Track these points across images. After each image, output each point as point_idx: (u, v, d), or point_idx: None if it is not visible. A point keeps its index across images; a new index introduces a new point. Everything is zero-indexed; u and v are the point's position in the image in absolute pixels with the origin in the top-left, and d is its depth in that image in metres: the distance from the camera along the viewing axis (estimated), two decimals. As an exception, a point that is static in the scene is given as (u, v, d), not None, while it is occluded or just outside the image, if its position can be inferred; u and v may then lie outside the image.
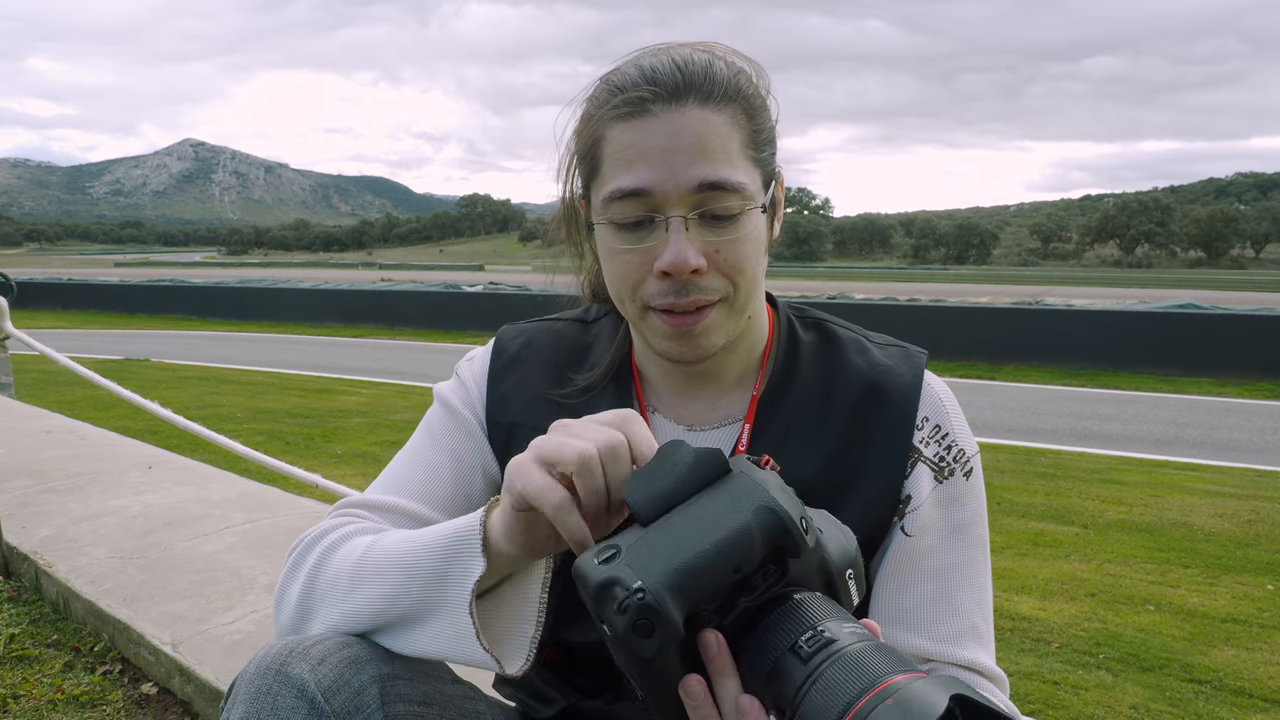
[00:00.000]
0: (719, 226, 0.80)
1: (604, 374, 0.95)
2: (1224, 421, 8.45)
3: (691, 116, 0.79)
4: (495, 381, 0.97)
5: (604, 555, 0.59)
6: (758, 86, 0.85)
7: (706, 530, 0.59)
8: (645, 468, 0.64)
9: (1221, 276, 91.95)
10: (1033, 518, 4.58)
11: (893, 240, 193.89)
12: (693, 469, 0.62)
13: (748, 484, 0.61)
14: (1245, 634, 3.07)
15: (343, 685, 0.70)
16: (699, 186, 0.78)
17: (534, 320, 1.04)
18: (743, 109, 0.82)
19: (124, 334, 16.49)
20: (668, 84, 0.79)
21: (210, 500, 3.21)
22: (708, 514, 0.60)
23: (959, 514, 0.89)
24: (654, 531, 0.60)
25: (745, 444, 0.89)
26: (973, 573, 0.89)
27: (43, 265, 75.03)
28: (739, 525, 0.58)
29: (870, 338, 0.97)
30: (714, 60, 0.82)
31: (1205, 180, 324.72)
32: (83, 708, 2.02)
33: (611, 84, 0.82)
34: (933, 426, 0.90)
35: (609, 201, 0.81)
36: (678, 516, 0.60)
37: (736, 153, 0.81)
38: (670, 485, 0.62)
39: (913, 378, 0.92)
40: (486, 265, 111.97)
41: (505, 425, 0.95)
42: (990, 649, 0.89)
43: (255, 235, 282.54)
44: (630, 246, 0.82)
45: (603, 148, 0.83)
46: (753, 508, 0.59)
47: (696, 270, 0.80)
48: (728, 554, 0.58)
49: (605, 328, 0.99)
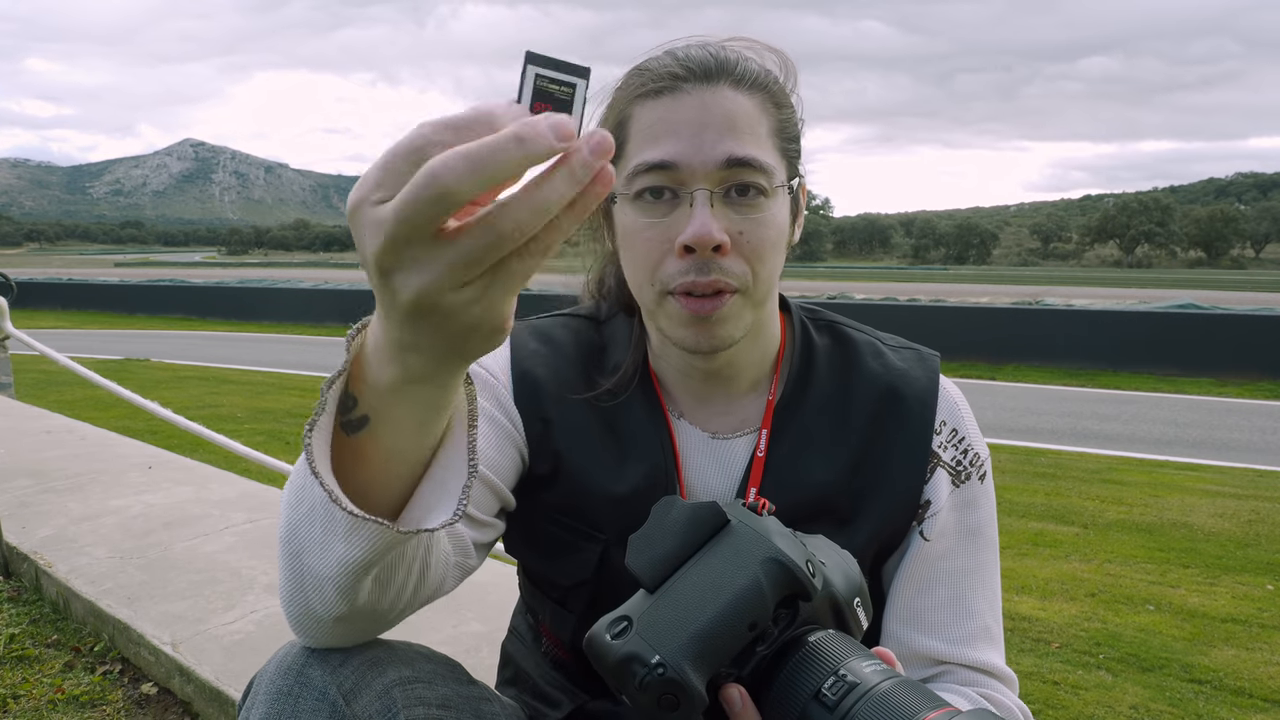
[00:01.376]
0: (745, 206, 0.79)
1: (628, 378, 0.93)
2: (1224, 421, 8.45)
3: (723, 95, 0.79)
4: (520, 371, 0.92)
5: (616, 629, 0.58)
6: (788, 81, 0.86)
7: (716, 592, 0.58)
8: (643, 530, 0.63)
9: (1221, 276, 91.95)
10: (1033, 518, 4.58)
11: (893, 240, 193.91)
12: (691, 527, 0.61)
13: (749, 536, 0.60)
14: (1245, 634, 3.07)
15: (363, 688, 0.70)
16: (727, 161, 0.77)
17: (542, 316, 1.00)
18: (772, 99, 0.82)
19: (124, 334, 16.49)
20: (700, 65, 0.79)
21: (210, 500, 3.21)
22: (714, 574, 0.59)
23: (973, 517, 0.90)
24: (663, 598, 0.59)
25: (764, 451, 0.89)
26: (985, 575, 0.90)
27: (43, 265, 75.05)
28: (748, 582, 0.58)
29: (884, 340, 0.96)
30: (746, 50, 0.83)
31: (1205, 180, 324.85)
32: (83, 708, 2.02)
33: (641, 68, 0.83)
34: (950, 430, 0.90)
35: (633, 176, 0.80)
36: (684, 580, 0.59)
37: (765, 137, 0.80)
38: (671, 547, 0.61)
39: (929, 382, 0.91)
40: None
41: (540, 419, 0.90)
42: (1001, 649, 0.89)
43: (255, 235, 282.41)
44: (653, 221, 0.80)
45: (629, 126, 0.82)
46: (759, 561, 0.58)
47: (719, 248, 0.78)
48: (741, 613, 0.57)
49: (618, 328, 0.97)
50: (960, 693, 0.85)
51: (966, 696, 0.84)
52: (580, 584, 0.90)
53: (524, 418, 0.91)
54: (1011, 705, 0.85)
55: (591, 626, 0.60)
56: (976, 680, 0.86)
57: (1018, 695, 0.88)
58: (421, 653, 0.79)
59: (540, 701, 0.98)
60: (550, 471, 0.90)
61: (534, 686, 1.00)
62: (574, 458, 0.89)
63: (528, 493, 0.92)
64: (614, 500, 0.88)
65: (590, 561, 0.89)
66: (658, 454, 0.89)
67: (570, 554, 0.90)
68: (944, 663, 0.86)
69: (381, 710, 0.69)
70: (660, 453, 0.89)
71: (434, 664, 0.78)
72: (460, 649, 2.02)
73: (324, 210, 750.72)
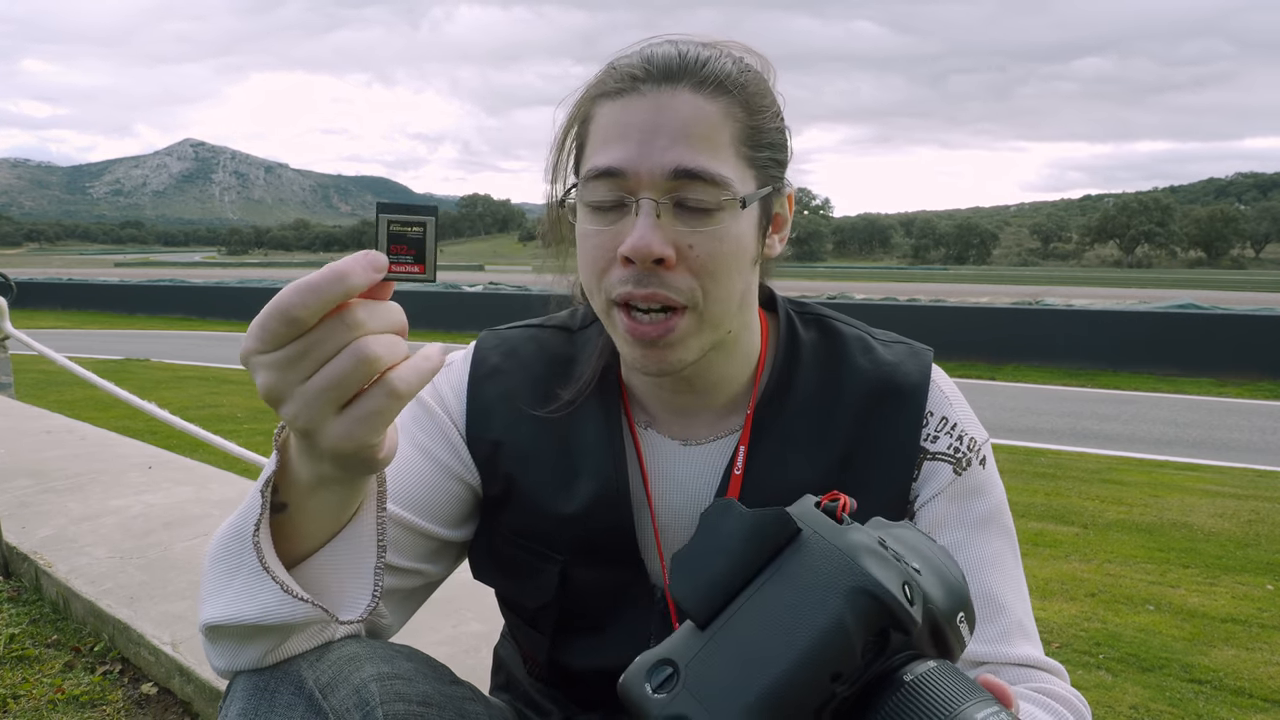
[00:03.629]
0: (693, 219, 0.75)
1: (586, 386, 0.89)
2: (1224, 421, 8.44)
3: (681, 99, 0.74)
4: (475, 392, 0.91)
5: (659, 677, 0.46)
6: (764, 85, 0.80)
7: (787, 633, 0.45)
8: (690, 546, 0.50)
9: (1221, 276, 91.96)
10: (1033, 518, 4.58)
11: (893, 240, 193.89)
12: (751, 542, 0.48)
13: (829, 554, 0.47)
14: (1245, 634, 3.07)
15: (340, 682, 0.69)
16: (674, 172, 0.73)
17: (516, 326, 0.97)
18: (741, 103, 0.77)
19: (124, 334, 16.48)
20: (662, 65, 0.76)
21: (210, 500, 3.21)
22: (785, 607, 0.46)
23: (982, 505, 0.85)
24: (717, 641, 0.46)
25: (743, 459, 0.85)
26: (1006, 565, 0.84)
27: (43, 265, 75.05)
28: (830, 622, 0.44)
29: (874, 335, 0.92)
30: (719, 51, 0.78)
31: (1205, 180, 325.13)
32: (83, 708, 2.02)
33: (611, 65, 0.79)
34: (940, 419, 0.86)
35: (585, 181, 0.77)
36: (744, 615, 0.47)
37: (725, 145, 0.75)
38: (726, 569, 0.48)
39: (920, 376, 0.87)
40: (486, 265, 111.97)
41: (489, 442, 0.89)
42: (1037, 642, 0.83)
43: (255, 235, 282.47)
44: (600, 229, 0.77)
45: (589, 126, 0.79)
46: (844, 591, 0.45)
47: (662, 261, 0.74)
48: (820, 662, 0.44)
49: (591, 336, 0.93)
50: (1022, 695, 0.77)
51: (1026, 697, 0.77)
52: (544, 606, 0.89)
53: (471, 443, 0.90)
54: (1070, 696, 0.79)
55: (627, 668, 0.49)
56: (1025, 677, 0.80)
57: (1070, 684, 0.81)
58: (402, 652, 0.78)
59: (531, 709, 0.98)
60: (503, 493, 0.89)
61: (525, 694, 0.99)
62: (525, 478, 0.87)
63: (487, 515, 0.91)
64: (564, 519, 0.86)
65: (550, 583, 0.87)
66: (609, 467, 0.85)
67: (531, 575, 0.89)
68: (983, 664, 0.80)
69: (358, 704, 0.69)
70: (612, 466, 0.85)
71: (415, 663, 0.77)
72: (459, 649, 2.02)
73: (324, 210, 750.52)
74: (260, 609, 0.65)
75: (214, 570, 0.68)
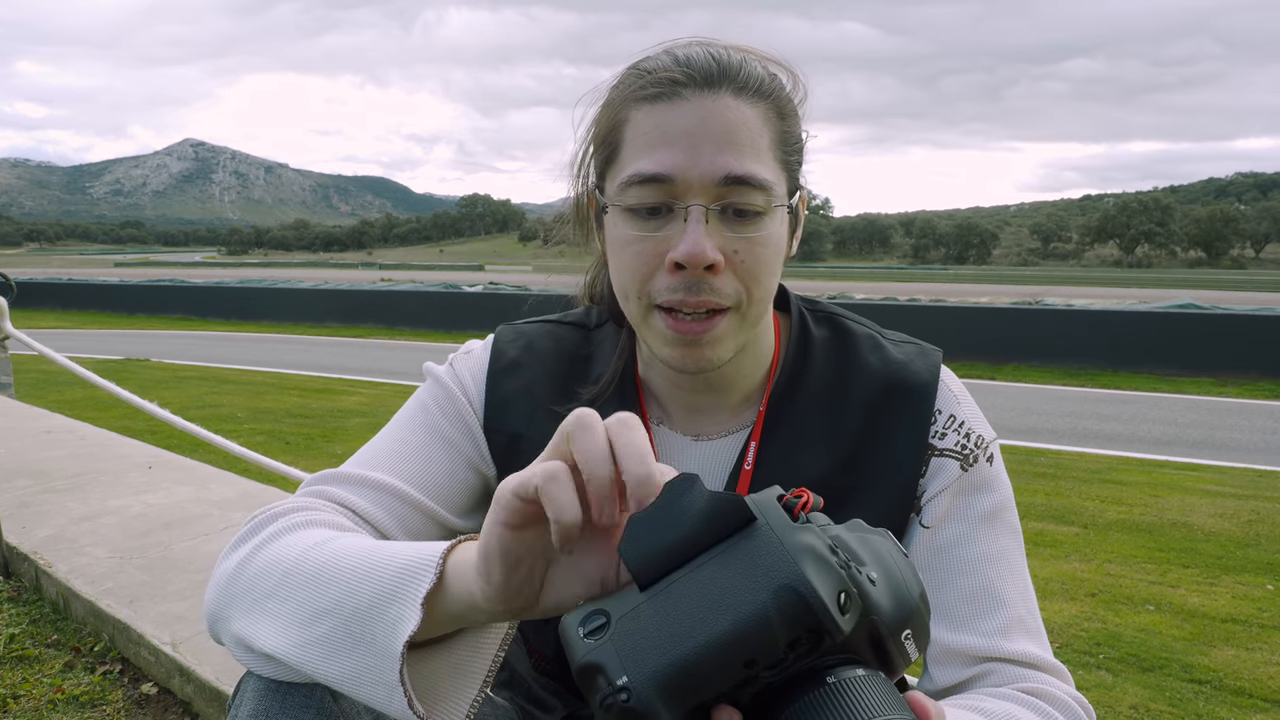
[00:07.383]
0: (740, 224, 0.76)
1: (608, 385, 0.90)
2: (1224, 421, 8.45)
3: (724, 104, 0.75)
4: (495, 384, 0.92)
5: (592, 624, 0.50)
6: (792, 91, 0.82)
7: (713, 612, 0.47)
8: (648, 511, 0.51)
9: (1221, 276, 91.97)
10: (1033, 518, 4.58)
11: (893, 240, 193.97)
12: (704, 520, 0.50)
13: (772, 548, 0.48)
14: (1245, 634, 3.07)
15: None
16: (725, 179, 0.74)
17: (532, 321, 0.98)
18: (775, 108, 0.78)
19: (124, 334, 16.48)
20: (702, 70, 0.76)
21: (210, 500, 3.21)
22: (717, 588, 0.48)
23: (988, 501, 0.85)
24: (650, 603, 0.49)
25: (754, 454, 0.86)
26: (1010, 562, 0.84)
27: (43, 265, 75.07)
28: (753, 611, 0.46)
29: (885, 334, 0.93)
30: (750, 56, 0.79)
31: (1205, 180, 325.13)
32: (83, 708, 2.02)
33: (640, 68, 0.79)
34: (948, 417, 0.87)
35: (626, 186, 0.77)
36: (681, 585, 0.49)
37: (766, 150, 0.77)
38: (675, 539, 0.50)
39: (929, 375, 0.88)
40: (486, 265, 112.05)
41: (507, 434, 0.90)
42: (1042, 641, 0.82)
43: (255, 235, 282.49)
44: (644, 235, 0.77)
45: (624, 131, 0.78)
46: (773, 586, 0.46)
47: (712, 267, 0.75)
48: (737, 647, 0.46)
49: (607, 335, 0.94)
50: (1004, 695, 0.76)
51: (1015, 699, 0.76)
52: None
53: (489, 433, 0.90)
54: (1066, 699, 0.77)
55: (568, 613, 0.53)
56: (1022, 676, 0.78)
57: (1073, 688, 0.80)
58: None
59: (534, 705, 0.98)
60: None
61: (528, 690, 0.99)
62: None
63: None
64: None
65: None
66: None
67: None
68: (983, 659, 0.79)
69: (368, 706, 0.68)
70: None
71: None
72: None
73: (324, 210, 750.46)
74: (369, 698, 0.61)
75: (313, 609, 0.64)
